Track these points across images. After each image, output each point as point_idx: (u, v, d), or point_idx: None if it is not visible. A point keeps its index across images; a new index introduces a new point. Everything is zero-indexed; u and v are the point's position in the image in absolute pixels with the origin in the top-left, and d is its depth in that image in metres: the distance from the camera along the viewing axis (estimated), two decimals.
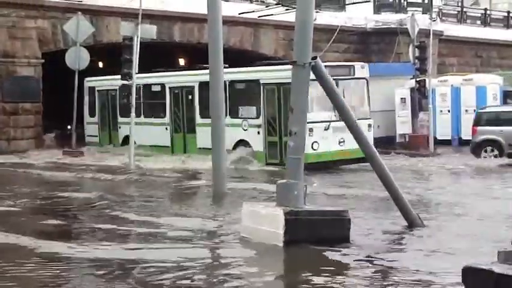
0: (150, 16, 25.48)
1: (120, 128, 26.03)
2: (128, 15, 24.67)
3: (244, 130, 21.10)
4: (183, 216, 12.82)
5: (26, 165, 21.52)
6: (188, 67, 26.00)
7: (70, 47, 25.29)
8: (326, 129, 20.00)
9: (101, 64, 37.35)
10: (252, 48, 31.83)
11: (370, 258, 9.22)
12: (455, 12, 40.96)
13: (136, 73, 20.70)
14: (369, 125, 21.20)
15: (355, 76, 21.69)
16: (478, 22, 41.80)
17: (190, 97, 23.38)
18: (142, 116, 24.20)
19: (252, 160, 20.96)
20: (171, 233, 11.15)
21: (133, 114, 21.17)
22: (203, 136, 20.73)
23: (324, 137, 20.10)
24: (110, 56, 28.07)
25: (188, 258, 9.22)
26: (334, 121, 19.24)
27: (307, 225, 9.98)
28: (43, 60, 26.22)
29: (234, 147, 21.18)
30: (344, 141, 20.00)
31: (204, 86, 20.31)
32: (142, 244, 10.34)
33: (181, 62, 35.39)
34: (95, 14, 26.98)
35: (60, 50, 25.90)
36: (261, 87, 21.18)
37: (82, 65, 24.83)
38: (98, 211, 13.41)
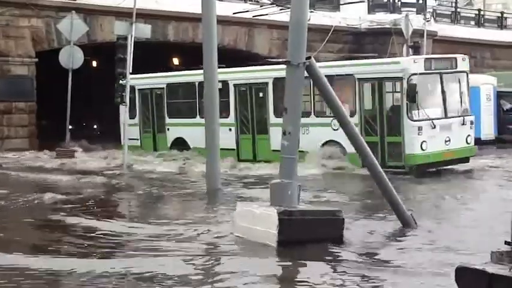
0: (144, 15, 25.45)
1: (168, 130, 24.13)
2: (122, 14, 24.62)
3: (335, 130, 18.55)
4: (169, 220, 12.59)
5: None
6: (262, 63, 23.99)
7: (64, 46, 25.27)
8: (433, 127, 18.53)
9: (94, 63, 37.36)
10: (246, 48, 31.86)
11: (363, 258, 9.24)
12: (449, 13, 41.02)
13: (131, 73, 20.64)
14: (471, 122, 19.86)
15: (457, 69, 19.88)
16: (472, 23, 41.86)
17: (261, 95, 21.70)
18: (198, 116, 22.48)
19: (346, 163, 18.98)
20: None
21: (126, 115, 21.09)
22: (278, 137, 19.02)
23: (432, 136, 18.57)
24: (103, 55, 28.06)
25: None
26: (440, 118, 18.58)
27: (301, 225, 9.99)
28: (37, 59, 26.19)
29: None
30: (450, 140, 18.95)
31: (279, 82, 18.80)
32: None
33: (176, 61, 35.39)
34: (89, 13, 26.95)
35: (54, 49, 25.88)
36: (356, 82, 19.39)
37: (76, 64, 24.80)
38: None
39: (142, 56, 22.07)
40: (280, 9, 28.95)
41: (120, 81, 20.52)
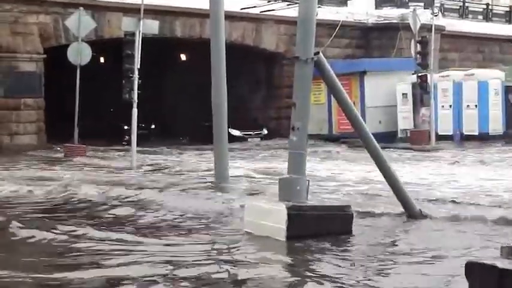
0: (152, 11, 25.48)
1: None
2: (130, 10, 24.67)
3: None
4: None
5: None
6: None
7: (72, 43, 25.30)
8: None
9: (102, 59, 37.37)
10: (254, 43, 31.86)
11: (372, 254, 9.25)
12: (457, 7, 40.90)
13: (138, 68, 20.65)
14: None
15: None
16: (480, 17, 41.73)
17: None
18: None
19: None
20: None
21: (135, 109, 21.11)
22: None
23: None
24: (111, 51, 28.10)
25: (182, 252, 9.20)
26: None
27: (310, 220, 10.01)
28: (45, 56, 26.24)
29: None
30: None
31: None
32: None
33: (183, 57, 35.42)
34: (96, 9, 27.00)
35: (62, 46, 25.93)
36: None
37: (84, 61, 24.80)
38: None
39: (149, 52, 22.10)
40: (288, 5, 28.99)
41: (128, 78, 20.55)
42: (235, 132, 30.06)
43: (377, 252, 9.29)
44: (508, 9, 43.79)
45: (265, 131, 31.70)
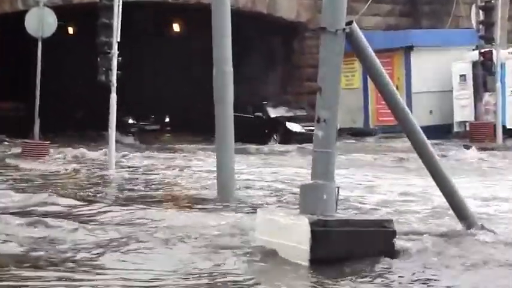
0: None
1: None
2: None
3: None
4: None
5: None
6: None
7: (31, 8, 25.33)
8: None
9: (71, 30, 37.53)
10: (268, 11, 31.87)
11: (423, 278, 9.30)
12: None
13: (118, 42, 20.72)
14: None
15: None
16: None
17: None
18: None
19: None
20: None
21: (114, 95, 21.19)
22: None
23: None
24: (82, 19, 28.18)
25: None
26: None
27: (340, 239, 10.03)
28: None
29: None
30: None
31: None
32: None
33: (176, 27, 35.50)
34: None
35: (19, 12, 26.01)
36: None
37: (47, 32, 24.86)
38: None
39: (134, 21, 22.19)
40: None
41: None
42: (295, 127, 29.88)
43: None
44: None
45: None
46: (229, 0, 15.93)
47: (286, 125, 29.89)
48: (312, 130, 10.86)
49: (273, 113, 31.19)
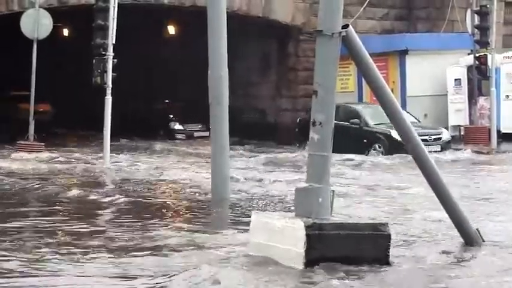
0: None
1: None
2: None
3: None
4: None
5: None
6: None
7: (26, 10, 25.31)
8: None
9: (66, 32, 37.51)
10: (263, 14, 31.83)
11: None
12: None
13: (113, 44, 20.69)
14: None
15: None
16: None
17: None
18: None
19: None
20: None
21: (109, 97, 21.18)
22: None
23: None
24: (78, 22, 28.16)
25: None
26: None
27: (335, 242, 10.03)
28: None
29: None
30: None
31: None
32: None
33: (171, 30, 35.47)
34: None
35: (15, 13, 25.98)
36: None
37: (42, 33, 24.84)
38: None
39: (129, 24, 22.19)
40: None
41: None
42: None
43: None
44: None
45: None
46: (225, 3, 15.92)
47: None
48: None
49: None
